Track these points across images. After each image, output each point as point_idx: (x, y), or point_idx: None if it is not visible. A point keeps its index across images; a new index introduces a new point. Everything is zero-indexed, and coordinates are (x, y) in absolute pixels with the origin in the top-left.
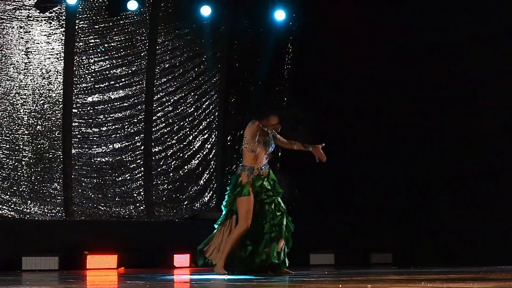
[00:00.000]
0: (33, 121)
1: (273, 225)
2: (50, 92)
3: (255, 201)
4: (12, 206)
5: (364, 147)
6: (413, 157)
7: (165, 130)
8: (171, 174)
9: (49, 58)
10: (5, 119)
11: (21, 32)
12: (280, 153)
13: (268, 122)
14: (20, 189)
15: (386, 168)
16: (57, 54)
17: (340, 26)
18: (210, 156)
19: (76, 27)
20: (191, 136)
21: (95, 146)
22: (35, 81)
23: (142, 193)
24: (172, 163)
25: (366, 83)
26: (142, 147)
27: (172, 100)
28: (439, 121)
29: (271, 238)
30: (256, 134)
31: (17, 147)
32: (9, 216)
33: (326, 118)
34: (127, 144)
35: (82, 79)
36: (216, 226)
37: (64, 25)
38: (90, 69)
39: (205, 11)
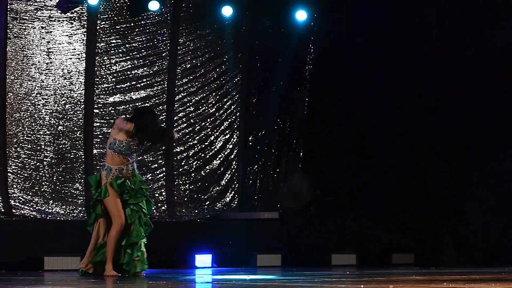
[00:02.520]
0: (54, 122)
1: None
2: (72, 92)
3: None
4: (34, 206)
5: (386, 147)
6: (436, 157)
7: (187, 131)
8: (193, 174)
9: (71, 58)
10: (27, 120)
11: (42, 33)
12: (301, 154)
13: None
14: (42, 189)
15: (409, 169)
16: (78, 54)
17: (362, 26)
18: (232, 156)
19: (98, 27)
20: (213, 137)
21: None
22: (56, 81)
23: (164, 193)
24: (194, 163)
25: (388, 83)
26: (164, 147)
27: (193, 101)
28: (463, 119)
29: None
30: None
31: (38, 148)
32: (31, 216)
33: (348, 118)
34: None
35: (103, 79)
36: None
37: (85, 25)
38: (111, 69)
39: (227, 11)
